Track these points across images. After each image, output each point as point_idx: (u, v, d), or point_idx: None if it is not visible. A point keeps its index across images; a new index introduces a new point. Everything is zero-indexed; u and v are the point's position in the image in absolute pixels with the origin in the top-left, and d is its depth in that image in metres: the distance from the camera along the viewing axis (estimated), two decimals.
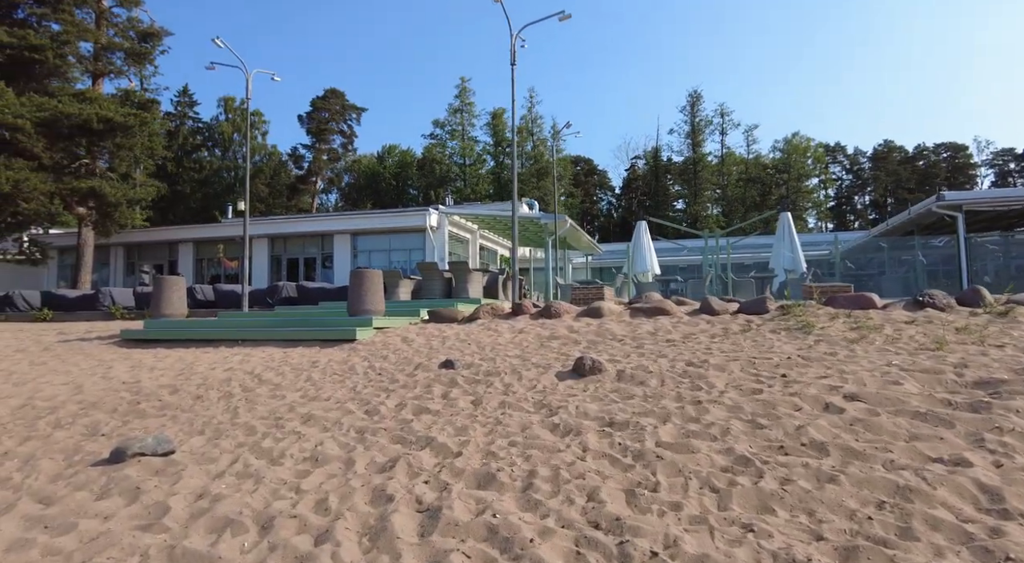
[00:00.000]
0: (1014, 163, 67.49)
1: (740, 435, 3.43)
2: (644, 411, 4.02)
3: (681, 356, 5.63)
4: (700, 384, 4.56)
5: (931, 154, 68.07)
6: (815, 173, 63.71)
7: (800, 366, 4.86)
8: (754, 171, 60.30)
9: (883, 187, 66.54)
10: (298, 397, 5.37)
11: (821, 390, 4.12)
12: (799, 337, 6.18)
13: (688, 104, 60.19)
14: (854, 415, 3.55)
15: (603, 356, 5.92)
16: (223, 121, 57.38)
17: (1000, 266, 18.65)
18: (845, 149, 69.02)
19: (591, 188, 69.36)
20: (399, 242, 21.44)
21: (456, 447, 3.64)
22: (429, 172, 59.36)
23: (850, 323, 6.56)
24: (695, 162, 59.07)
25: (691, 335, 6.80)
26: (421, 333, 8.26)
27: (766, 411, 3.78)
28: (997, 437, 3.11)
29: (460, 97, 59.25)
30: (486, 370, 5.68)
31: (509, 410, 4.37)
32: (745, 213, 56.93)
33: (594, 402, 4.37)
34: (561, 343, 6.90)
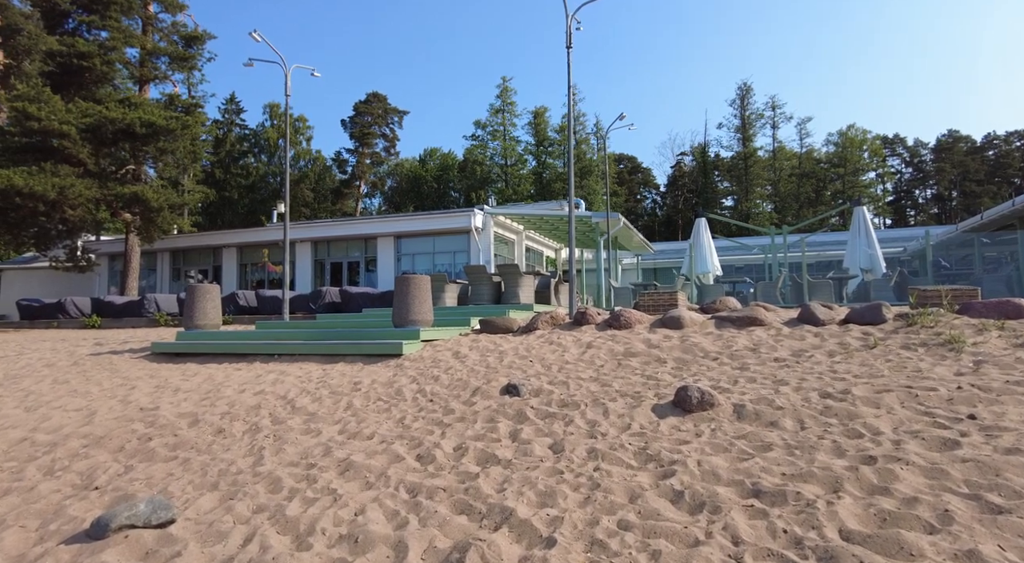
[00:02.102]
0: None
1: (974, 525, 2.30)
2: (799, 473, 2.92)
3: (806, 383, 4.49)
4: (857, 428, 3.43)
5: (1002, 143, 63.62)
6: (872, 167, 60.35)
7: (986, 402, 3.67)
8: (807, 166, 57.48)
9: (948, 180, 62.55)
10: (336, 432, 4.46)
11: None
12: (948, 356, 4.94)
13: (738, 97, 57.82)
14: None
15: (704, 382, 4.82)
16: (268, 127, 58.17)
17: None
18: (905, 141, 65.23)
19: (635, 186, 67.57)
20: (443, 244, 20.60)
21: (545, 528, 2.63)
22: (470, 174, 58.74)
23: (1009, 337, 5.27)
24: (745, 157, 56.66)
25: (802, 352, 5.62)
26: (474, 347, 7.28)
27: (989, 480, 2.63)
28: None
29: (501, 97, 58.41)
30: (560, 399, 4.65)
31: (604, 463, 3.33)
32: (799, 209, 54.31)
33: (719, 454, 3.29)
34: (642, 362, 5.81)
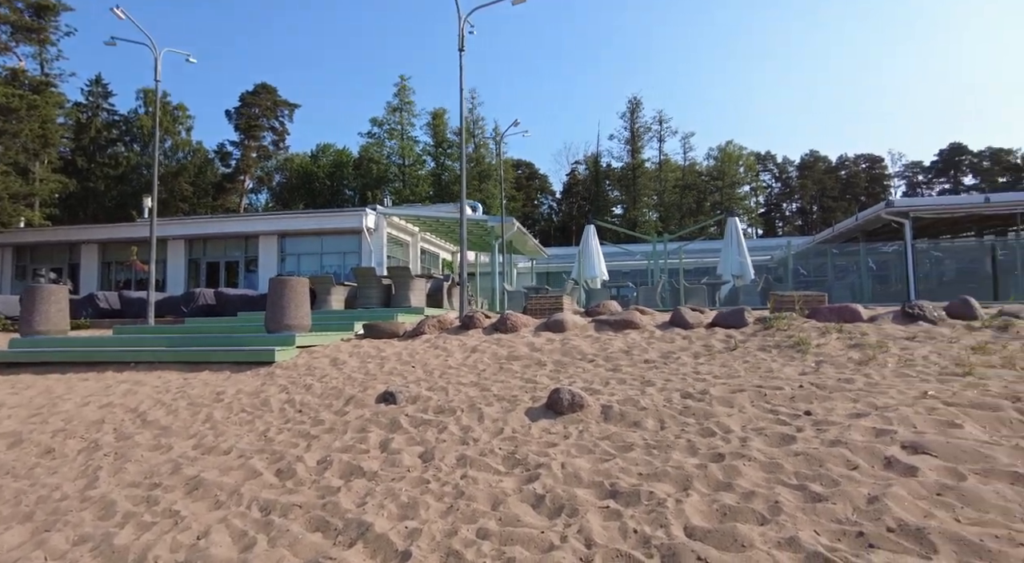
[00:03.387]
0: (922, 175, 71.94)
1: (797, 514, 2.50)
2: (654, 472, 3.04)
3: (671, 384, 4.72)
4: (711, 427, 3.64)
5: (852, 164, 71.67)
6: (747, 181, 65.72)
7: (820, 399, 4.03)
8: (690, 178, 61.53)
9: (809, 195, 69.46)
10: (190, 447, 4.10)
11: (868, 436, 3.27)
12: (796, 357, 5.41)
13: (628, 110, 60.80)
14: (935, 479, 2.69)
15: (578, 384, 4.93)
16: (142, 114, 53.26)
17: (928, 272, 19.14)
18: (775, 158, 71.70)
19: (532, 192, 68.96)
20: (332, 245, 19.81)
21: (402, 542, 2.54)
22: (366, 172, 57.16)
23: (845, 339, 5.87)
24: (634, 168, 59.63)
25: (671, 354, 5.93)
26: (355, 353, 7.03)
27: (814, 471, 2.88)
28: None
29: (399, 95, 57.42)
30: (437, 405, 4.57)
31: (473, 470, 3.29)
32: (682, 218, 57.89)
33: (583, 456, 3.36)
34: (523, 365, 5.87)
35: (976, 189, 64.60)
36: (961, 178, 68.95)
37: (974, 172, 68.31)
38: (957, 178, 68.93)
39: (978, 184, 66.27)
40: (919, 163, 71.83)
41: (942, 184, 69.85)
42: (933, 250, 16.91)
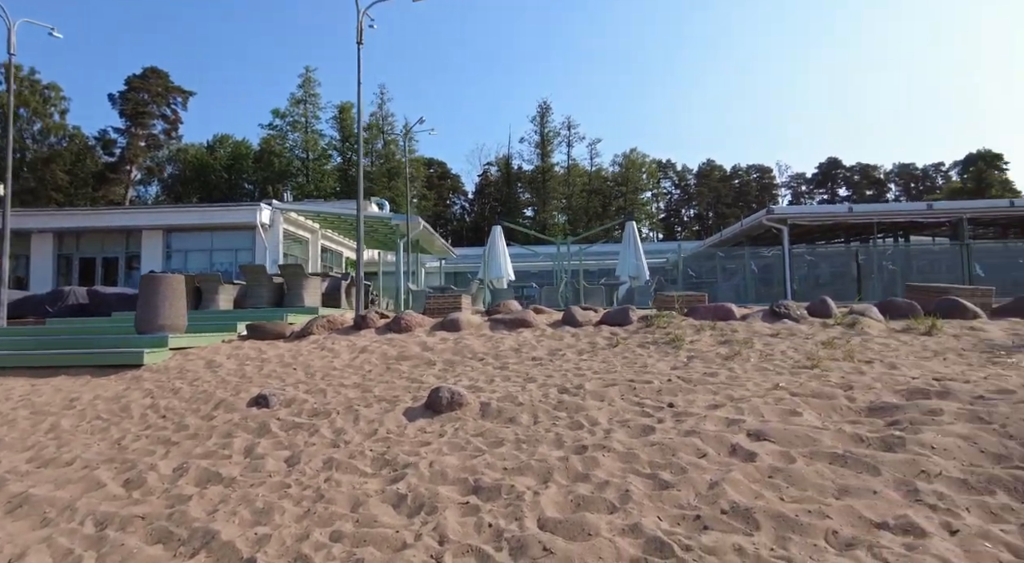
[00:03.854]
0: (804, 186, 78.47)
1: (644, 501, 2.63)
2: (519, 466, 3.09)
3: (552, 380, 4.84)
4: (580, 420, 3.76)
5: (744, 174, 76.89)
6: (649, 187, 68.84)
7: (685, 391, 4.28)
8: (597, 183, 63.56)
9: (706, 202, 73.79)
10: (23, 461, 3.71)
11: (720, 426, 3.50)
12: (670, 353, 5.71)
13: (538, 114, 61.86)
14: (770, 463, 2.92)
15: (463, 382, 4.94)
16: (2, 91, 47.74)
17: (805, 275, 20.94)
18: (675, 166, 75.51)
19: (444, 191, 68.59)
20: (224, 241, 18.68)
21: (248, 549, 2.42)
22: (267, 166, 54.49)
23: (717, 336, 6.27)
24: (543, 171, 60.78)
25: (557, 351, 6.08)
26: (234, 355, 6.65)
27: (667, 460, 3.04)
28: (928, 485, 2.62)
29: (304, 87, 55.24)
30: (312, 408, 4.42)
31: (338, 473, 3.20)
32: (588, 222, 59.66)
33: (454, 453, 3.37)
34: (412, 365, 5.80)
35: (848, 200, 71.28)
36: (837, 189, 75.83)
37: (847, 185, 75.37)
38: (833, 189, 75.73)
39: (850, 195, 73.19)
40: (803, 175, 78.23)
41: (821, 194, 76.48)
42: (807, 255, 18.50)
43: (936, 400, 3.71)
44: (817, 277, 21.07)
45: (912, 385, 4.08)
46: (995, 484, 2.61)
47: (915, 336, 5.96)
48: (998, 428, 3.19)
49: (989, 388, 3.92)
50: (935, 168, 71.75)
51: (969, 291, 8.05)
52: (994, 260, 18.62)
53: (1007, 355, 4.91)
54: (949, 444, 3.00)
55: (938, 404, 3.60)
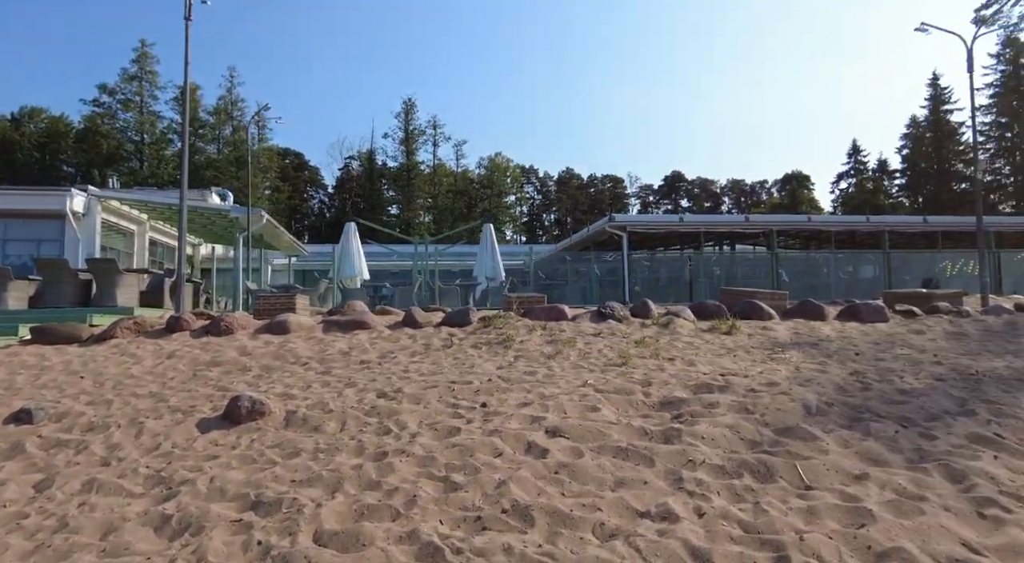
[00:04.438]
0: (652, 196, 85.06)
1: (430, 506, 2.60)
2: (309, 477, 2.93)
3: (374, 384, 4.70)
4: (390, 425, 3.67)
5: (599, 183, 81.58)
6: (513, 191, 70.64)
7: (501, 390, 4.36)
8: (463, 184, 63.95)
9: (565, 208, 77.26)
10: None
11: (523, 423, 3.59)
12: (500, 353, 5.82)
13: (403, 111, 60.85)
14: (559, 459, 3.04)
15: (276, 389, 4.64)
16: None
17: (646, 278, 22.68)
18: (538, 172, 78.17)
19: (301, 184, 65.03)
20: (21, 230, 16.02)
21: None
22: (92, 147, 48.08)
23: (546, 336, 6.50)
24: (408, 169, 59.93)
25: (389, 353, 5.94)
26: (6, 362, 5.70)
27: (463, 461, 3.05)
28: (692, 473, 2.88)
29: (139, 63, 49.53)
30: (89, 422, 3.89)
31: (97, 495, 2.83)
32: (454, 222, 59.87)
33: (243, 467, 3.12)
34: (224, 371, 5.35)
35: (689, 211, 78.37)
36: (679, 201, 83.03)
37: (688, 196, 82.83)
38: (676, 200, 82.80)
39: (691, 207, 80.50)
40: (650, 186, 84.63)
41: (666, 205, 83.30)
42: (644, 260, 20.05)
43: (717, 394, 4.12)
44: (657, 280, 22.88)
45: (701, 380, 4.50)
46: (744, 468, 2.93)
47: (717, 335, 6.62)
48: (758, 417, 3.61)
49: (761, 381, 4.44)
50: (760, 185, 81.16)
51: (769, 294, 9.12)
52: (798, 267, 21.47)
53: (783, 351, 5.61)
54: (717, 434, 3.33)
55: (717, 397, 4.00)
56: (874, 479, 2.80)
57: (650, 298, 8.48)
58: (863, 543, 2.26)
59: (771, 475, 2.86)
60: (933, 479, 2.81)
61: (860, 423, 3.51)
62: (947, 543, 2.27)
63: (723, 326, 6.83)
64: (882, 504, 2.55)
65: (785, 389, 4.14)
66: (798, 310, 8.21)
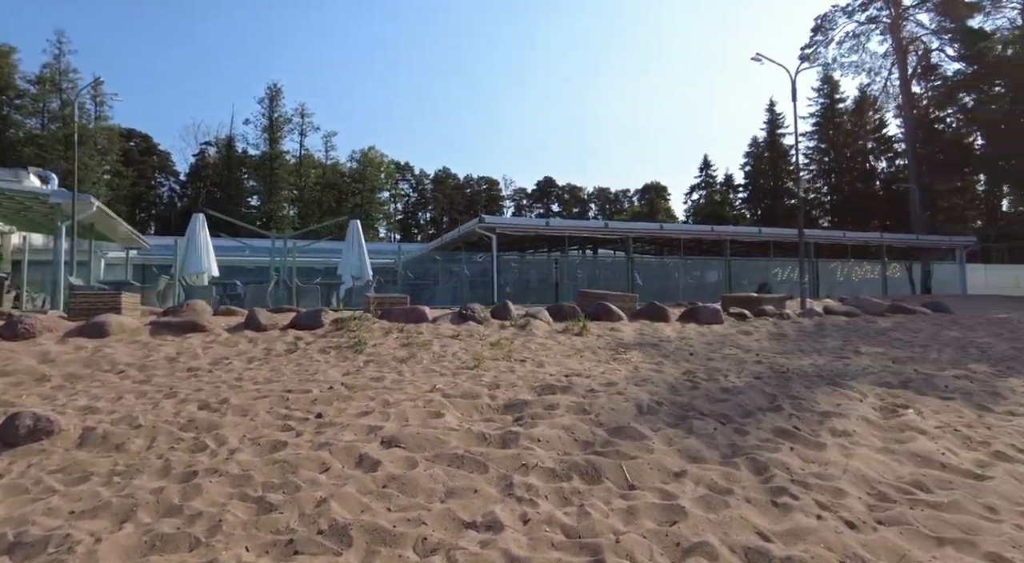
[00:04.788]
0: (526, 200, 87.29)
1: (237, 530, 2.35)
2: (95, 506, 2.53)
3: (199, 394, 4.25)
4: (207, 441, 3.31)
5: (475, 184, 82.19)
6: (387, 187, 68.99)
7: (343, 399, 4.13)
8: (332, 177, 61.31)
9: (441, 207, 76.90)
10: None
11: (359, 434, 3.41)
12: (349, 358, 5.55)
13: (267, 97, 57.04)
14: (390, 471, 2.90)
15: (78, 402, 4.03)
16: None
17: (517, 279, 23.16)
18: (413, 169, 77.05)
19: (148, 170, 58.70)
20: None
21: None
22: None
23: (402, 339, 6.32)
24: (272, 158, 56.29)
25: (223, 359, 5.43)
26: None
27: (284, 479, 2.81)
28: (524, 478, 2.87)
29: None
30: None
31: None
32: (321, 217, 57.23)
33: (8, 499, 2.64)
34: (12, 383, 4.57)
35: (560, 215, 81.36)
36: (551, 205, 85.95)
37: (559, 202, 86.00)
38: (548, 205, 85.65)
39: (561, 211, 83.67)
40: (524, 189, 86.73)
41: (539, 208, 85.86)
42: (514, 262, 20.46)
43: (559, 395, 4.21)
44: (527, 281, 23.43)
45: (547, 381, 4.58)
46: (575, 470, 2.98)
47: (570, 336, 6.84)
48: (594, 417, 3.72)
49: (601, 382, 4.61)
50: (623, 193, 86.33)
51: (620, 297, 9.62)
52: (652, 271, 23.05)
53: (625, 352, 5.91)
54: (553, 436, 3.38)
55: (559, 399, 4.08)
56: (691, 475, 2.97)
57: (520, 299, 8.63)
58: (673, 540, 2.37)
59: (599, 476, 2.94)
60: (741, 472, 3.04)
61: (685, 421, 3.74)
62: (745, 533, 2.45)
63: (575, 327, 7.07)
64: (694, 500, 2.71)
65: (622, 389, 4.33)
66: (645, 312, 8.74)
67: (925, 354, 6.93)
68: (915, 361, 6.41)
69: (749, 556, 2.26)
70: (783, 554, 2.26)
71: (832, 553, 2.30)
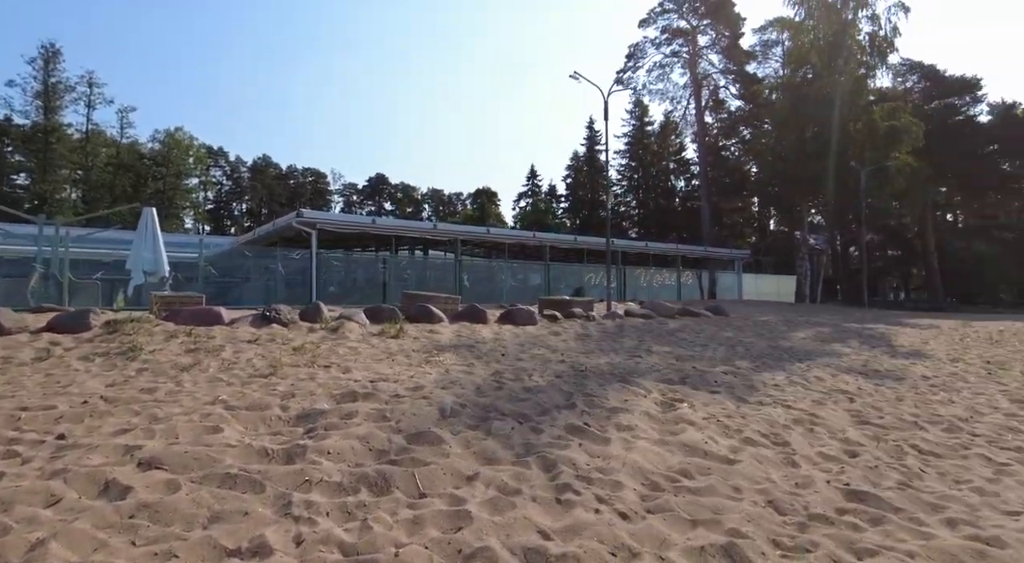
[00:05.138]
0: (356, 196, 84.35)
1: None
2: None
3: None
4: None
5: (300, 176, 77.51)
6: (196, 173, 62.18)
7: (99, 415, 3.51)
8: (128, 158, 53.71)
9: (260, 198, 71.22)
10: None
11: (112, 455, 2.91)
12: (119, 366, 4.78)
13: (40, 58, 48.16)
14: (143, 498, 2.49)
15: None
16: None
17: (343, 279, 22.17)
18: (228, 155, 70.41)
19: None
20: None
21: None
22: None
23: (188, 343, 5.62)
24: (48, 131, 47.65)
25: None
26: None
27: None
28: (304, 496, 2.64)
29: None
30: None
31: None
32: (113, 202, 49.80)
33: None
34: None
35: (392, 214, 79.91)
36: (383, 203, 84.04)
37: (392, 200, 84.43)
38: (380, 203, 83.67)
39: (394, 210, 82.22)
40: (355, 185, 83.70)
41: (370, 206, 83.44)
42: (337, 261, 19.56)
43: (360, 402, 4.01)
44: (354, 281, 22.52)
45: (350, 388, 4.35)
46: (363, 482, 2.83)
47: (386, 339, 6.63)
48: (393, 424, 3.59)
49: (409, 386, 4.49)
50: (457, 196, 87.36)
51: (443, 299, 9.61)
52: (480, 274, 23.53)
53: (440, 354, 5.87)
54: (345, 447, 3.18)
55: (359, 406, 3.88)
56: (483, 478, 2.98)
57: (345, 300, 8.16)
58: (455, 547, 2.32)
59: (389, 487, 2.82)
60: (531, 471, 3.12)
61: (486, 422, 3.77)
62: (527, 534, 2.49)
63: (392, 330, 6.88)
64: (482, 503, 2.70)
65: (428, 393, 4.26)
66: (466, 314, 8.82)
67: (703, 353, 7.88)
68: (694, 359, 7.25)
69: (528, 557, 2.30)
70: (559, 551, 2.33)
71: (604, 545, 2.43)
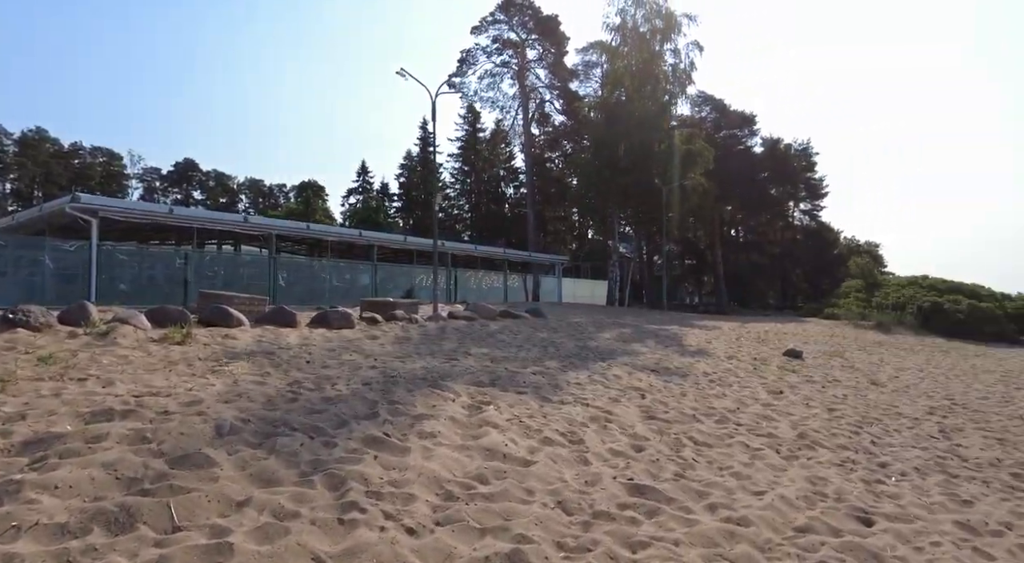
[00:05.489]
0: (159, 182, 74.80)
1: None
2: None
3: None
4: None
5: (87, 155, 66.83)
6: None
7: None
8: None
9: (31, 178, 60.07)
10: None
11: None
12: None
13: None
14: None
15: None
16: None
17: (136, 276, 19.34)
18: None
19: None
20: None
21: None
22: None
23: None
24: None
25: None
26: None
27: None
28: (7, 547, 2.14)
29: None
30: None
31: None
32: None
33: None
34: None
35: (203, 204, 72.17)
36: (192, 191, 75.50)
37: (203, 189, 76.20)
38: (188, 191, 75.09)
39: (205, 200, 74.30)
40: (158, 170, 74.11)
41: (176, 194, 74.45)
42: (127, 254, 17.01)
43: (116, 422, 3.41)
44: (151, 278, 19.74)
45: (106, 405, 3.69)
46: (98, 520, 2.36)
47: (168, 345, 5.82)
48: (155, 446, 3.09)
49: (184, 400, 3.94)
50: (279, 188, 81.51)
51: (246, 300, 8.77)
52: (302, 273, 22.06)
53: (230, 363, 5.28)
54: (82, 478, 2.65)
55: (113, 427, 3.29)
56: (256, 503, 2.66)
57: (140, 300, 6.96)
58: None
59: (133, 523, 2.38)
60: (315, 491, 2.86)
61: (271, 439, 3.41)
62: (300, 562, 2.26)
63: (177, 335, 6.07)
64: (250, 532, 2.40)
65: (205, 408, 3.77)
66: (272, 316, 8.15)
67: (518, 354, 8.11)
68: (508, 360, 7.42)
69: None
70: None
71: None
